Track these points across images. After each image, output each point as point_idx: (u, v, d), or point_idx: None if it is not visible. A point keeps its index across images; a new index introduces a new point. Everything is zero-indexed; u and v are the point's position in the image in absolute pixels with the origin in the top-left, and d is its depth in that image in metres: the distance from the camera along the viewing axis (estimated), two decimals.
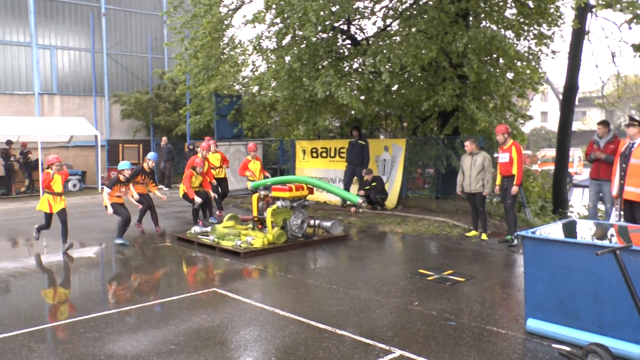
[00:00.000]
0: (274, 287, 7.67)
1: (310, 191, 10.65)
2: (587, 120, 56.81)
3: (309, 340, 5.38)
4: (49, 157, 10.08)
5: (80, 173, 22.03)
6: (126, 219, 10.58)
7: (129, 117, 25.83)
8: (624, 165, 8.47)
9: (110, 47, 26.57)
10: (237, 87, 20.51)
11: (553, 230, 5.95)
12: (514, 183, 9.96)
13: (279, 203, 10.15)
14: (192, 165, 11.99)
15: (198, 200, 11.65)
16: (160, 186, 21.33)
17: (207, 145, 13.77)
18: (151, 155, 11.70)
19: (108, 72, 26.42)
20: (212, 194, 12.50)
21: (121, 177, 10.73)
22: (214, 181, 13.02)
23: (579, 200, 19.81)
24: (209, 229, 10.58)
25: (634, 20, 9.64)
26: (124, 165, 10.84)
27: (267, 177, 13.16)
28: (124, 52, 27.21)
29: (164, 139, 22.18)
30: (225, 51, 17.02)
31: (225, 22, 15.85)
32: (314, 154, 17.27)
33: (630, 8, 9.24)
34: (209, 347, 5.23)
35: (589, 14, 17.37)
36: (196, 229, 10.76)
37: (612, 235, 5.98)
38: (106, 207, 10.47)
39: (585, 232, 6.29)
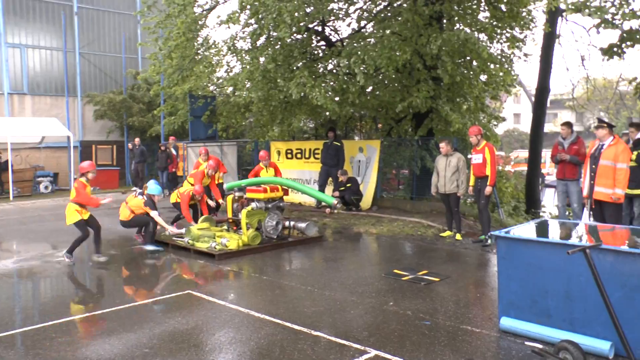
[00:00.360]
0: (248, 288, 7.64)
1: (285, 192, 10.64)
2: (559, 122, 57.63)
3: (284, 342, 5.38)
4: (84, 164, 9.38)
5: (52, 175, 21.68)
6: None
7: (102, 118, 25.47)
8: (593, 166, 8.66)
9: (82, 47, 26.19)
10: (211, 87, 20.40)
11: (526, 230, 6.04)
12: (488, 184, 10.07)
13: (253, 204, 10.11)
14: (204, 169, 11.81)
15: (187, 219, 11.33)
16: (134, 188, 21.13)
17: (205, 150, 13.45)
18: (153, 189, 10.56)
19: (81, 72, 26.00)
20: (212, 202, 12.05)
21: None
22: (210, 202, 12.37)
23: (551, 200, 20.09)
24: (183, 230, 10.50)
25: (602, 25, 9.83)
26: (155, 190, 10.39)
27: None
28: (97, 52, 26.83)
29: (137, 140, 21.92)
30: (199, 52, 16.92)
31: (200, 23, 15.76)
32: (289, 155, 17.26)
33: (598, 13, 9.43)
34: (184, 350, 5.20)
35: (560, 18, 17.69)
36: (172, 229, 10.61)
37: (582, 235, 6.09)
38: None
39: (557, 231, 6.40)
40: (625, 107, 28.88)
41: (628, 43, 10.26)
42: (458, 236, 10.68)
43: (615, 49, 10.55)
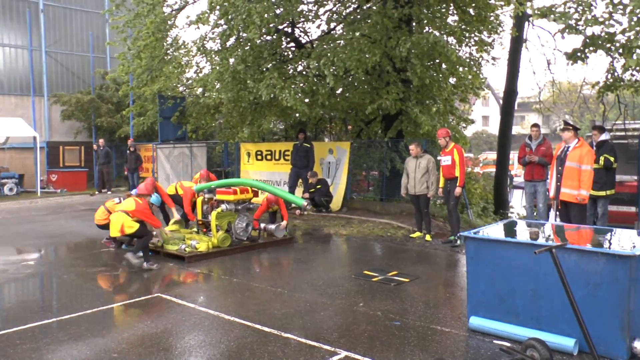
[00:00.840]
0: (218, 291, 7.61)
1: (255, 194, 10.60)
2: (526, 124, 58.63)
3: (254, 344, 5.36)
4: (146, 187, 9.70)
5: (17, 176, 21.19)
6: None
7: (69, 118, 25.02)
8: (559, 168, 8.83)
9: (49, 45, 25.74)
10: (181, 88, 20.22)
11: (494, 231, 6.13)
12: (457, 185, 10.20)
13: (223, 206, 10.06)
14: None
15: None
16: (104, 190, 20.85)
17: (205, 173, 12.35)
18: (154, 200, 10.67)
19: (47, 71, 25.55)
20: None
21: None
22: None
23: (519, 201, 20.38)
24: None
25: (566, 30, 10.05)
26: (155, 201, 10.61)
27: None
28: (64, 51, 26.40)
29: (101, 141, 21.56)
30: (169, 52, 16.79)
31: (169, 22, 15.64)
32: (259, 157, 17.21)
33: (563, 19, 9.64)
34: (153, 354, 5.15)
35: (527, 23, 17.99)
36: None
37: (549, 235, 6.20)
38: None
39: (525, 232, 6.51)
40: (588, 110, 29.48)
41: (591, 48, 10.49)
42: (428, 237, 10.77)
43: (579, 54, 10.78)
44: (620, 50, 10.01)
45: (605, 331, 4.76)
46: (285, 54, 15.51)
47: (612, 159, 9.57)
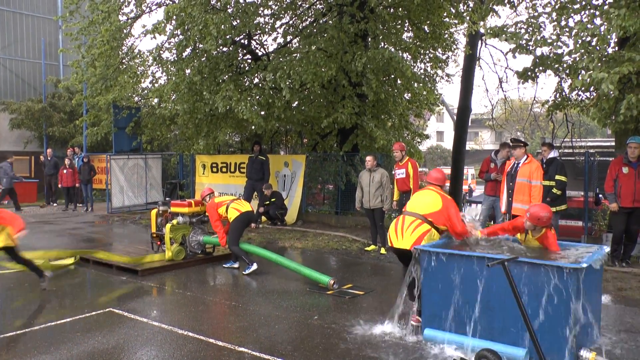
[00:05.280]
0: (172, 305, 7.48)
1: None
2: (479, 140, 59.83)
3: (208, 359, 5.29)
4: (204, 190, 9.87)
5: None
6: None
7: (19, 127, 24.17)
8: (511, 183, 9.07)
9: None
10: (136, 98, 19.95)
11: (448, 244, 6.21)
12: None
13: (178, 219, 9.94)
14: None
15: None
16: (53, 204, 20.31)
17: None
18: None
19: None
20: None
21: None
22: None
23: (473, 215, 20.71)
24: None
25: (517, 50, 10.34)
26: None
27: None
28: (14, 57, 25.67)
29: (49, 151, 20.99)
30: (124, 61, 16.56)
31: (125, 31, 15.42)
32: (214, 169, 17.09)
33: (514, 38, 9.93)
34: None
35: (480, 42, 18.41)
36: None
37: (501, 248, 6.31)
38: None
39: (478, 245, 6.59)
40: (539, 127, 30.31)
41: (540, 68, 10.79)
42: (382, 250, 10.84)
43: (529, 73, 11.07)
44: (567, 71, 10.33)
45: (554, 342, 4.88)
46: (242, 65, 15.49)
47: (564, 179, 9.80)
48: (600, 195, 11.72)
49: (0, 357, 5.42)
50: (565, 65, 10.30)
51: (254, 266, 9.07)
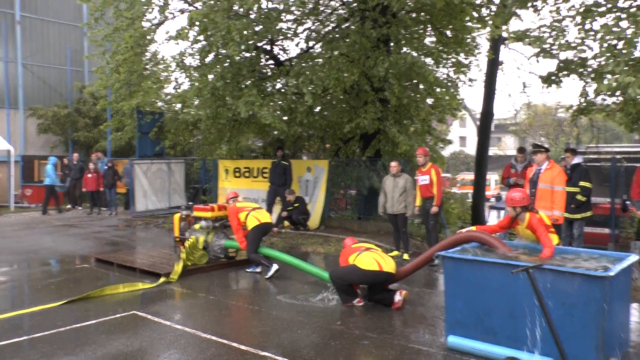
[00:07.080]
0: (195, 308, 7.50)
1: None
2: (502, 146, 59.36)
3: None
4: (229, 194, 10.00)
5: None
6: None
7: (45, 132, 24.65)
8: (533, 190, 8.96)
9: (25, 57, 25.42)
10: (159, 104, 20.14)
11: (472, 250, 6.15)
12: (434, 204, 10.25)
13: (201, 223, 9.99)
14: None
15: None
16: (69, 205, 20.54)
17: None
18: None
19: (23, 84, 25.18)
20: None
21: None
22: None
23: (495, 222, 20.51)
24: None
25: (541, 54, 10.23)
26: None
27: None
28: (41, 63, 26.08)
29: (75, 155, 21.27)
30: (147, 67, 16.73)
31: (148, 37, 15.58)
32: (237, 174, 17.16)
33: (537, 42, 9.83)
34: None
35: (502, 46, 18.26)
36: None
37: (525, 255, 6.23)
38: None
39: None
40: (563, 133, 29.99)
41: (565, 72, 10.68)
42: (405, 256, 10.78)
43: (553, 78, 10.97)
44: (592, 75, 10.21)
45: (581, 350, 4.79)
46: (264, 71, 15.54)
47: (588, 185, 9.67)
48: (627, 202, 11.53)
49: (27, 356, 5.50)
50: (590, 70, 10.18)
51: (275, 267, 9.10)
